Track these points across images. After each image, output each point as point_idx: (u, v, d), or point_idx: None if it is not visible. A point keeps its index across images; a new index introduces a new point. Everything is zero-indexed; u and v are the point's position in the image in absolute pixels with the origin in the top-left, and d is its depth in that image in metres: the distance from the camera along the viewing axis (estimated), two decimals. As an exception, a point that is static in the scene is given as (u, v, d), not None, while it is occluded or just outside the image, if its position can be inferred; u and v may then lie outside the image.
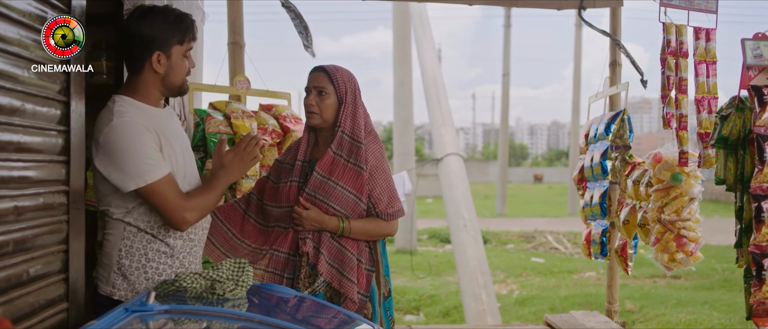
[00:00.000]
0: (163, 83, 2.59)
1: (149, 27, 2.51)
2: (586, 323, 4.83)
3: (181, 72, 2.62)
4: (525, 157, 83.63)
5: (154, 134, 2.49)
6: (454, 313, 9.55)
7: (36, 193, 2.29)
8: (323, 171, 2.98)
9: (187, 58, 2.63)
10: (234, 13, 4.76)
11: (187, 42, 2.60)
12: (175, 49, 2.56)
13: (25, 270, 2.21)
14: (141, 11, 2.54)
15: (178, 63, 2.59)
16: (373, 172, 3.02)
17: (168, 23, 2.53)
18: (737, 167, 3.74)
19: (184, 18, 2.59)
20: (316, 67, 3.04)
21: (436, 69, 11.18)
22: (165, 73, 2.56)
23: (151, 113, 2.57)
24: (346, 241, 3.01)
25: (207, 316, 2.06)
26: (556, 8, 5.30)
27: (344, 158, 2.99)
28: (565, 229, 17.75)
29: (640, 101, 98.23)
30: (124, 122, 2.44)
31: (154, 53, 2.52)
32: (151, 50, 2.51)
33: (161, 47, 2.52)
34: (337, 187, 2.96)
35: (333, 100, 2.99)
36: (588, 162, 4.95)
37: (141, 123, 2.46)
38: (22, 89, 2.20)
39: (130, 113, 2.48)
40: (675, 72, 4.01)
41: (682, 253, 4.16)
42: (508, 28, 27.64)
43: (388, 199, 3.07)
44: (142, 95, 2.57)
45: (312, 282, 2.96)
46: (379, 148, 3.10)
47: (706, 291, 10.31)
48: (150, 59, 2.52)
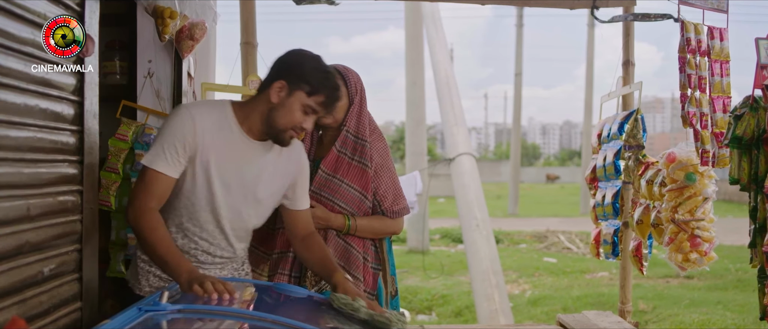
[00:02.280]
0: (268, 115, 2.48)
1: (297, 60, 2.49)
2: (598, 323, 4.81)
3: (290, 118, 2.46)
4: (537, 157, 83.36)
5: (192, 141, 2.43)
6: (466, 313, 9.54)
7: (49, 193, 2.30)
8: (328, 169, 2.98)
9: (305, 117, 2.49)
10: (246, 13, 4.77)
11: (314, 97, 2.45)
12: (300, 93, 2.45)
13: (39, 270, 2.23)
14: (311, 53, 2.53)
15: (293, 108, 2.46)
16: (378, 170, 3.03)
17: (314, 70, 2.46)
18: (751, 167, 3.71)
19: (329, 82, 2.50)
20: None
21: (448, 69, 11.16)
22: (274, 107, 2.46)
23: (225, 129, 2.50)
24: (352, 239, 3.02)
25: (219, 316, 2.06)
26: (568, 8, 5.28)
27: (349, 156, 2.99)
28: (578, 229, 17.67)
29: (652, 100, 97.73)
30: (179, 110, 2.48)
31: (280, 81, 2.46)
32: (279, 77, 2.46)
33: (289, 80, 2.45)
34: (342, 185, 2.96)
35: (344, 101, 2.97)
36: (601, 162, 4.93)
37: (189, 121, 2.43)
38: (36, 89, 2.21)
39: (195, 109, 2.48)
40: (695, 70, 3.99)
41: (696, 253, 4.14)
42: (521, 27, 27.55)
43: (394, 197, 3.09)
44: (241, 113, 2.53)
45: (318, 280, 2.96)
46: (384, 146, 3.11)
47: (719, 291, 10.25)
48: (272, 85, 2.46)
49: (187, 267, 2.30)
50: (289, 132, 2.50)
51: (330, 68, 2.53)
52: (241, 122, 2.52)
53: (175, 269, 2.29)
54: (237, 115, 2.52)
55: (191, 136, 2.42)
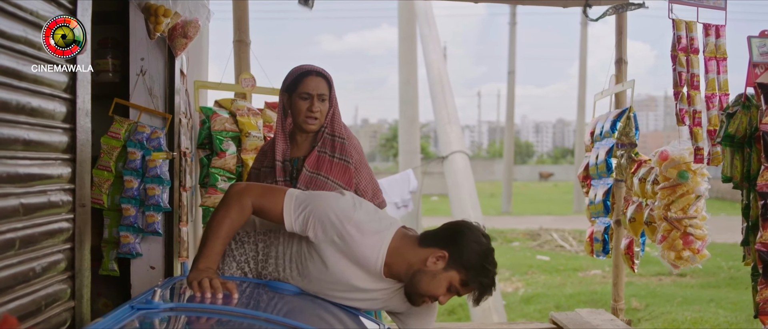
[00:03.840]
0: (415, 274, 2.42)
1: (471, 245, 2.40)
2: (591, 321, 4.82)
3: (433, 290, 2.41)
4: (530, 155, 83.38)
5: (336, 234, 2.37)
6: (459, 311, 9.56)
7: (42, 190, 2.29)
8: (311, 168, 3.01)
9: (446, 294, 2.44)
10: (239, 11, 4.77)
11: (464, 286, 2.42)
12: (455, 274, 2.40)
13: (32, 268, 2.22)
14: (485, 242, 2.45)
15: (442, 283, 2.41)
16: (358, 166, 3.08)
17: (479, 260, 2.39)
18: (744, 165, 3.72)
19: (487, 279, 2.42)
20: (313, 72, 3.01)
21: (441, 67, 11.17)
22: (424, 271, 2.41)
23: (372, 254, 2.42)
24: None
25: (212, 314, 2.06)
26: (561, 6, 5.30)
27: (329, 154, 3.02)
28: (571, 227, 17.72)
29: (645, 98, 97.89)
30: (359, 201, 2.47)
31: (443, 251, 2.40)
32: (444, 247, 2.41)
33: (451, 256, 2.39)
34: (328, 181, 2.99)
35: (327, 104, 3.03)
36: (593, 160, 4.95)
37: (355, 214, 2.38)
38: (28, 87, 2.20)
39: (366, 216, 2.42)
40: (687, 68, 4.00)
41: (688, 251, 4.15)
42: (514, 26, 27.57)
43: (373, 190, 3.14)
44: (393, 247, 2.43)
45: None
46: (358, 143, 3.16)
47: (712, 289, 10.28)
48: (435, 250, 2.40)
49: (206, 264, 2.30)
50: (425, 299, 2.44)
51: (492, 264, 2.44)
52: (387, 255, 2.42)
53: (200, 258, 2.31)
54: (391, 244, 2.42)
55: (342, 232, 2.37)
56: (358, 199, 2.49)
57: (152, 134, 3.85)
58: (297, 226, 2.38)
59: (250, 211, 2.40)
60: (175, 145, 3.98)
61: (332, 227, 2.35)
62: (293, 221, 2.37)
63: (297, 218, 2.37)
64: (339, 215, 2.36)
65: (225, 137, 4.15)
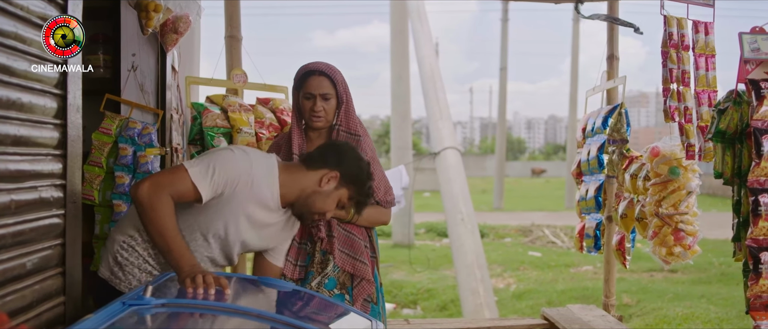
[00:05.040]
0: (308, 196, 2.67)
1: (355, 163, 2.74)
2: (583, 317, 4.84)
3: (326, 206, 2.71)
4: (522, 151, 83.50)
5: (238, 184, 2.52)
6: (451, 307, 9.56)
7: (32, 187, 2.28)
8: None
9: (335, 210, 2.80)
10: (231, 7, 4.75)
11: (350, 199, 2.79)
12: (344, 191, 2.73)
13: (22, 264, 2.21)
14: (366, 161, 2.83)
15: (333, 199, 2.71)
16: (372, 163, 3.06)
17: (365, 178, 2.76)
18: (735, 161, 3.73)
19: (367, 192, 2.82)
20: (314, 71, 3.02)
21: (433, 63, 11.17)
22: (318, 192, 2.66)
23: (266, 187, 2.60)
24: (353, 228, 3.10)
25: (204, 310, 2.05)
26: (553, 2, 5.30)
27: None
28: (562, 223, 17.75)
29: (637, 94, 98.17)
30: (239, 150, 2.61)
31: (335, 172, 2.67)
32: (334, 167, 2.68)
33: (343, 175, 2.69)
34: None
35: (334, 101, 3.04)
36: (585, 156, 4.95)
37: (247, 165, 2.54)
38: (18, 82, 2.19)
39: (254, 158, 2.60)
40: (677, 65, 4.01)
41: (679, 247, 4.16)
42: (506, 22, 27.59)
43: (385, 188, 3.17)
44: (284, 177, 2.65)
45: (324, 267, 3.04)
46: (371, 141, 3.20)
47: (703, 285, 10.31)
48: (326, 172, 2.66)
49: (190, 260, 2.34)
50: (315, 216, 2.71)
51: (371, 178, 2.79)
52: (281, 185, 2.63)
53: (179, 259, 2.33)
54: (281, 177, 2.63)
55: (245, 180, 2.52)
56: (239, 147, 2.68)
57: (143, 129, 3.84)
58: (211, 191, 2.47)
59: (171, 201, 2.41)
60: (167, 141, 3.97)
61: (238, 178, 2.50)
62: (208, 189, 2.46)
63: (210, 185, 2.46)
64: (237, 169, 2.51)
65: (216, 133, 4.13)
